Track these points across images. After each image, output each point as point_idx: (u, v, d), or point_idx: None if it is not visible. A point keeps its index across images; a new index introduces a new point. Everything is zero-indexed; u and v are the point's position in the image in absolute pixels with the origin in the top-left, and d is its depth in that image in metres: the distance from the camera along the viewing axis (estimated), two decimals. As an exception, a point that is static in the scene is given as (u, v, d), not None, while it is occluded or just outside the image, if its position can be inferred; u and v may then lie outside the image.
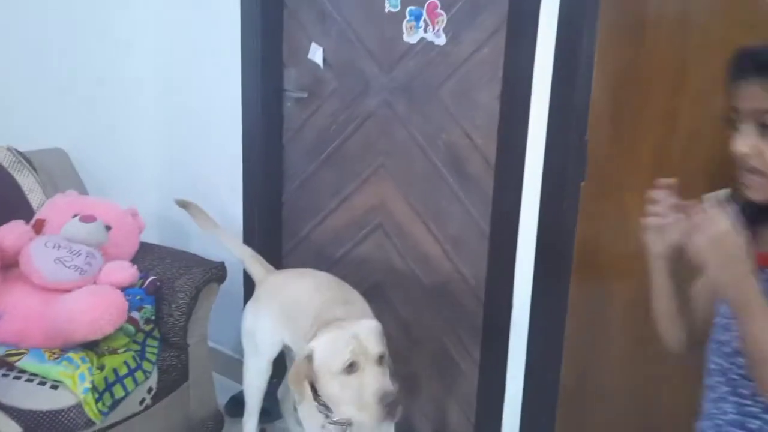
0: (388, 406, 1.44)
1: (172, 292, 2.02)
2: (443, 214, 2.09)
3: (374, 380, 1.47)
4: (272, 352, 1.97)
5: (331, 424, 1.60)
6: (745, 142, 0.94)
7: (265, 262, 2.10)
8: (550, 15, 1.69)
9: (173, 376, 2.00)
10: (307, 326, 1.79)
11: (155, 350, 1.95)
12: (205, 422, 2.14)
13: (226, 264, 2.17)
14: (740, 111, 0.96)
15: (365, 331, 1.55)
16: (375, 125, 2.19)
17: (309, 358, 1.53)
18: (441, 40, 1.97)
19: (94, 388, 1.72)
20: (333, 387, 1.50)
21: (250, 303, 2.01)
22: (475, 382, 2.07)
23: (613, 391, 1.78)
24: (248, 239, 2.40)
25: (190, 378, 2.07)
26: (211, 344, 2.49)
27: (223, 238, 2.12)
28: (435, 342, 2.17)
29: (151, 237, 2.41)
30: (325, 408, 1.58)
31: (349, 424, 1.61)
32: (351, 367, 1.48)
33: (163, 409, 1.97)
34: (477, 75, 1.93)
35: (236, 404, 2.32)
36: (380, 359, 1.52)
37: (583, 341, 1.82)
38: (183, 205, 2.14)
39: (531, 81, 1.76)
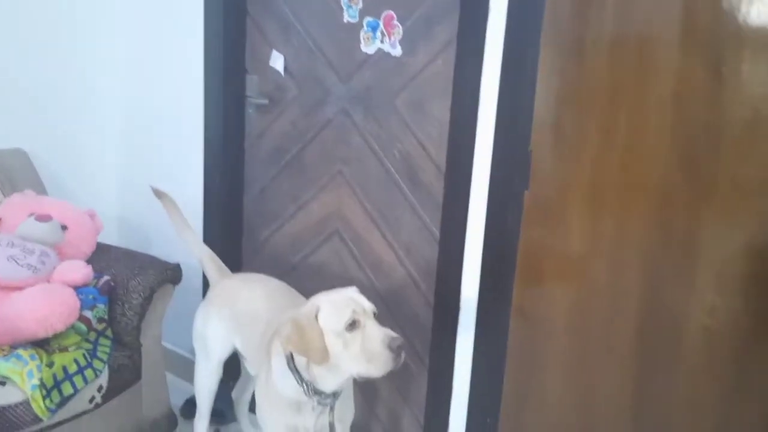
0: (395, 351, 1.52)
1: (125, 292, 2.04)
2: (397, 220, 2.15)
3: (378, 331, 1.55)
4: (222, 355, 2.00)
5: (315, 396, 1.63)
6: None
7: (222, 265, 2.13)
8: (497, 32, 1.76)
9: (125, 376, 2.01)
10: (258, 334, 1.84)
11: (107, 349, 1.97)
12: (158, 422, 2.16)
13: (187, 265, 2.20)
14: None
15: (356, 294, 1.63)
16: (333, 133, 2.24)
17: (316, 316, 1.57)
18: (397, 51, 2.04)
19: (42, 385, 1.73)
20: (337, 346, 1.55)
21: (201, 305, 2.05)
22: (425, 385, 2.11)
23: (555, 390, 1.84)
24: (208, 243, 2.41)
25: (143, 378, 2.09)
26: (169, 346, 2.52)
27: (186, 235, 2.15)
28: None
29: (110, 239, 2.42)
30: (304, 382, 1.62)
31: (334, 395, 1.66)
32: (353, 325, 1.54)
33: (114, 408, 1.98)
34: (431, 86, 2.00)
35: (192, 406, 2.32)
36: (374, 315, 1.60)
37: (527, 343, 1.88)
38: (158, 195, 2.15)
39: (479, 94, 1.83)
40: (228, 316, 1.97)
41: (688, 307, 1.30)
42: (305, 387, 1.63)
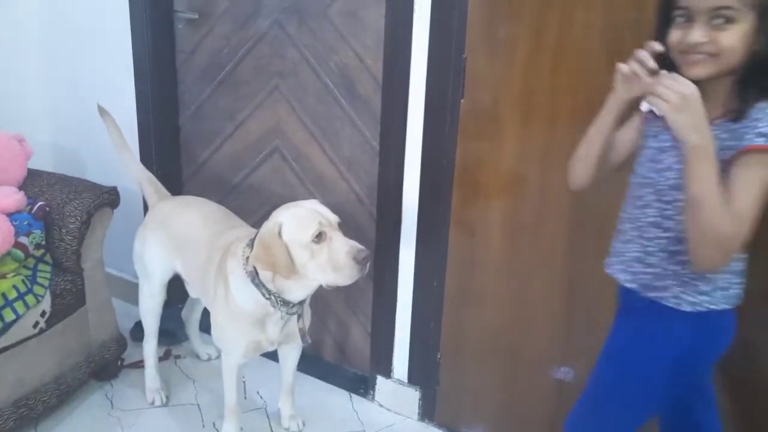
0: (361, 262, 1.57)
1: (62, 217, 2.00)
2: (337, 135, 2.14)
3: (344, 243, 1.58)
4: (162, 277, 2.02)
5: (283, 307, 1.66)
6: (702, 33, 1.14)
7: (160, 188, 2.10)
8: (429, -67, 1.72)
9: (68, 300, 2.00)
10: (200, 257, 1.85)
11: (47, 275, 1.95)
12: (107, 345, 2.17)
13: (128, 190, 2.17)
14: (692, 9, 1.15)
15: (319, 206, 1.66)
16: (267, 47, 2.18)
17: (279, 232, 1.59)
18: (329, -42, 1.97)
19: (-19, 312, 1.71)
20: (304, 257, 1.58)
21: (139, 228, 2.04)
22: (371, 294, 2.18)
23: (492, 292, 1.92)
24: (145, 166, 2.37)
25: (88, 302, 2.08)
26: (114, 271, 2.50)
27: (125, 156, 2.10)
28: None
29: (44, 165, 2.35)
30: (272, 294, 1.65)
31: (301, 303, 1.71)
32: (319, 237, 1.57)
33: (60, 332, 1.98)
34: (364, -6, 1.95)
35: (141, 329, 2.33)
36: (339, 226, 1.63)
37: (464, 250, 1.94)
38: (101, 112, 2.09)
39: (412, 1, 1.80)
40: (165, 239, 1.97)
41: (616, 208, 1.36)
42: (273, 299, 1.66)
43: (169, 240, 1.97)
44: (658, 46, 1.19)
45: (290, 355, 1.98)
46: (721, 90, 1.19)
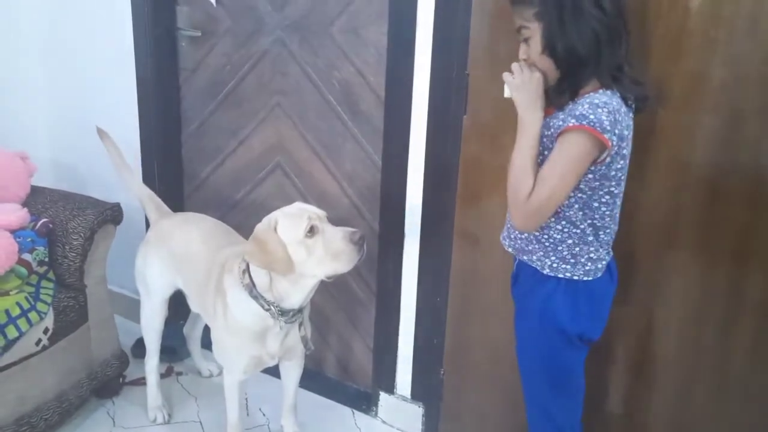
0: (358, 243, 1.59)
1: (65, 233, 2.00)
2: (339, 150, 2.15)
3: (336, 230, 1.61)
4: (164, 294, 2.03)
5: (282, 317, 1.66)
6: (522, 51, 1.41)
7: (161, 204, 2.11)
8: (430, -48, 1.74)
9: (71, 317, 1.99)
10: (199, 273, 1.86)
11: (50, 291, 1.94)
12: (108, 362, 2.16)
13: (131, 207, 2.17)
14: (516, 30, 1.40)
15: (304, 204, 1.71)
16: (270, 64, 2.20)
17: (275, 228, 1.60)
18: (331, -23, 2.00)
19: (-16, 329, 1.70)
20: (300, 253, 1.59)
21: (141, 245, 2.05)
22: (374, 310, 2.17)
23: (495, 304, 1.92)
24: (147, 183, 2.37)
25: (90, 319, 2.07)
26: (116, 288, 2.50)
27: (126, 176, 2.11)
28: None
29: (46, 182, 2.35)
30: (270, 305, 1.65)
31: (300, 311, 1.71)
32: (312, 231, 1.59)
33: (62, 349, 1.97)
34: (366, 11, 1.97)
35: (142, 345, 2.32)
36: (327, 219, 1.67)
37: (468, 264, 1.94)
38: (101, 134, 2.10)
39: (415, 17, 1.82)
40: (165, 256, 1.98)
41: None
42: (273, 310, 1.65)
43: (170, 257, 1.97)
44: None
45: (292, 372, 1.98)
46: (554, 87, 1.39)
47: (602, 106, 1.28)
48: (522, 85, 1.37)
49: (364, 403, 2.24)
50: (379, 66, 1.97)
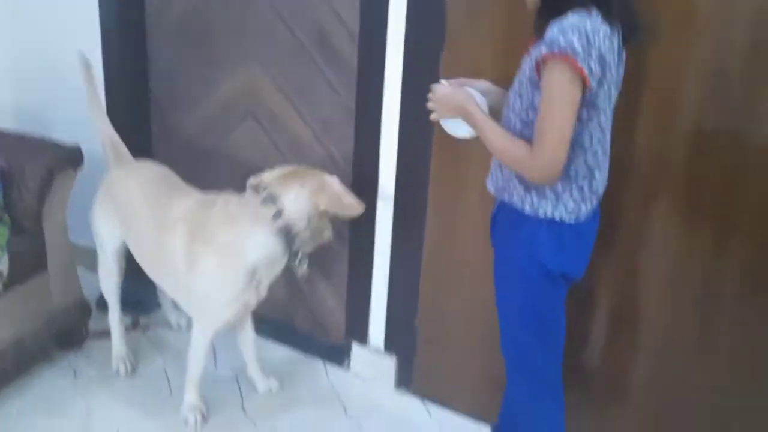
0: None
1: (22, 176, 1.91)
2: (312, 95, 2.06)
3: (336, 186, 1.70)
4: (113, 247, 1.98)
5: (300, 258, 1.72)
6: None
7: (122, 151, 2.02)
8: None
9: (28, 262, 1.91)
10: (152, 237, 1.81)
11: (5, 235, 1.85)
12: (70, 312, 2.08)
13: (96, 152, 2.07)
14: None
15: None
16: (241, 4, 2.09)
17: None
18: None
19: (-68, 270, 1.61)
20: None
21: (96, 197, 1.98)
22: (346, 261, 2.11)
23: (471, 260, 1.86)
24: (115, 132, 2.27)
25: (49, 266, 1.99)
26: (82, 240, 2.40)
27: (96, 110, 2.03)
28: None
29: (5, 125, 2.24)
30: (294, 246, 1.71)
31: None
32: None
33: (19, 296, 1.89)
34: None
35: (107, 299, 2.26)
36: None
37: (444, 215, 1.88)
38: (84, 64, 2.01)
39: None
40: (111, 211, 1.93)
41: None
42: (296, 251, 1.70)
43: (116, 212, 1.93)
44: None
45: (246, 320, 1.95)
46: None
47: (572, 28, 1.20)
48: (438, 105, 1.42)
49: (337, 356, 2.18)
50: (354, 3, 1.88)
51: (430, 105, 1.44)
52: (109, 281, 2.04)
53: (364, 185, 1.97)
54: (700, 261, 1.58)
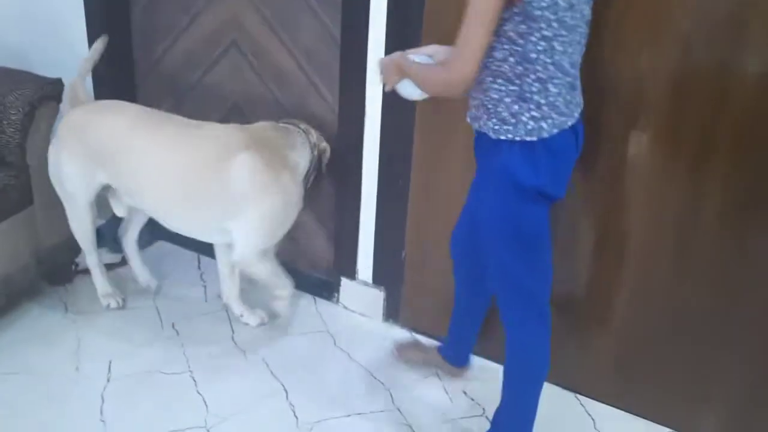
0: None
1: (3, 108, 1.88)
2: (296, 23, 2.01)
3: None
4: (87, 196, 1.89)
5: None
6: None
7: (79, 95, 1.94)
8: None
9: (13, 197, 1.90)
10: (145, 165, 1.77)
11: (-12, 169, 1.84)
12: (58, 248, 2.08)
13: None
14: None
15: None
16: (220, -73, 2.02)
17: None
18: None
19: None
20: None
21: (51, 144, 1.89)
22: (334, 195, 2.10)
23: (458, 192, 1.85)
24: (94, 68, 2.22)
25: (36, 201, 1.98)
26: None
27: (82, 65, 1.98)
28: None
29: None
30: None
31: None
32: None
33: (6, 231, 1.89)
34: None
35: (99, 236, 2.23)
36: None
37: (431, 147, 1.87)
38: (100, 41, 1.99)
39: None
40: (82, 154, 1.83)
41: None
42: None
43: (88, 153, 1.82)
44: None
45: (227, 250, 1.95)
46: None
47: None
48: (384, 71, 1.50)
49: (326, 290, 2.20)
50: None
51: (380, 78, 1.52)
52: (83, 232, 1.96)
53: (350, 116, 1.95)
54: (680, 187, 1.58)
